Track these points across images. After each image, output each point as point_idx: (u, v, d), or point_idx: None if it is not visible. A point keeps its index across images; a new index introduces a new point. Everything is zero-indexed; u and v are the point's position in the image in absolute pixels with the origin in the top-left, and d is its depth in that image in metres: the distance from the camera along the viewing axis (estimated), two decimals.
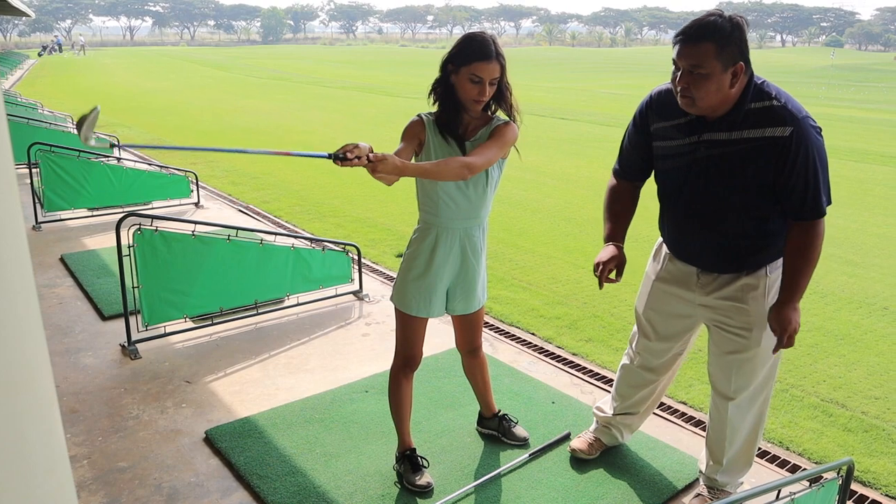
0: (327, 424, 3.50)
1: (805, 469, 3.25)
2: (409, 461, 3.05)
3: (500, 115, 2.82)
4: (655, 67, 48.23)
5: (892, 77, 47.07)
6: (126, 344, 4.25)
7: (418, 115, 2.79)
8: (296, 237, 5.10)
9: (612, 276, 2.80)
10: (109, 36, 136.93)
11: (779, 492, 2.15)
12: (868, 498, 3.09)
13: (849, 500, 3.02)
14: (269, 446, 3.30)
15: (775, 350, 2.58)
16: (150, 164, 8.33)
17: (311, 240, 5.04)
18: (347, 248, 5.26)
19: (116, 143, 10.07)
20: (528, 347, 4.45)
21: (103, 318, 4.74)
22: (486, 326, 4.56)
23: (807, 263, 2.45)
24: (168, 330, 4.41)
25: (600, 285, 2.80)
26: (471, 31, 2.76)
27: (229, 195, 8.50)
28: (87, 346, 4.35)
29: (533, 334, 4.67)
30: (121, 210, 7.19)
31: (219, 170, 9.96)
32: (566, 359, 4.33)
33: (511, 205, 8.25)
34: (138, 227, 4.11)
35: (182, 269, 4.37)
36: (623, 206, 2.90)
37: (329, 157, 2.27)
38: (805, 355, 4.47)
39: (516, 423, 3.39)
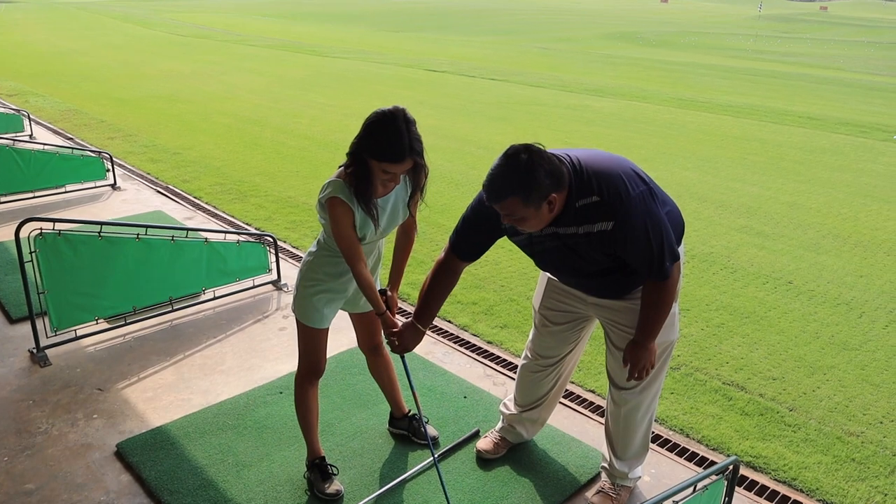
0: (240, 431, 3.52)
1: (709, 460, 3.43)
2: (318, 470, 3.10)
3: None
4: (595, 19, 48.27)
5: (816, 28, 48.22)
6: (35, 350, 4.15)
7: (339, 197, 2.65)
8: (209, 231, 5.01)
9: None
10: None
11: None
12: (758, 483, 3.28)
13: (738, 486, 3.20)
14: (181, 458, 3.30)
15: (627, 379, 2.82)
16: (62, 146, 8.01)
17: (225, 233, 4.96)
18: (263, 238, 5.21)
19: (27, 115, 9.70)
20: (444, 336, 4.52)
21: (11, 320, 4.61)
22: (403, 315, 4.60)
23: (659, 313, 2.64)
24: (79, 333, 4.33)
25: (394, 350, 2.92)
26: (380, 111, 2.58)
27: (148, 174, 8.26)
28: None
29: (449, 322, 4.74)
30: (31, 196, 6.95)
31: (137, 145, 9.65)
32: (481, 348, 4.42)
33: (433, 178, 8.14)
34: (39, 231, 3.98)
35: (90, 271, 4.27)
36: (443, 286, 2.85)
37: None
38: (711, 336, 4.66)
39: (427, 422, 3.47)
